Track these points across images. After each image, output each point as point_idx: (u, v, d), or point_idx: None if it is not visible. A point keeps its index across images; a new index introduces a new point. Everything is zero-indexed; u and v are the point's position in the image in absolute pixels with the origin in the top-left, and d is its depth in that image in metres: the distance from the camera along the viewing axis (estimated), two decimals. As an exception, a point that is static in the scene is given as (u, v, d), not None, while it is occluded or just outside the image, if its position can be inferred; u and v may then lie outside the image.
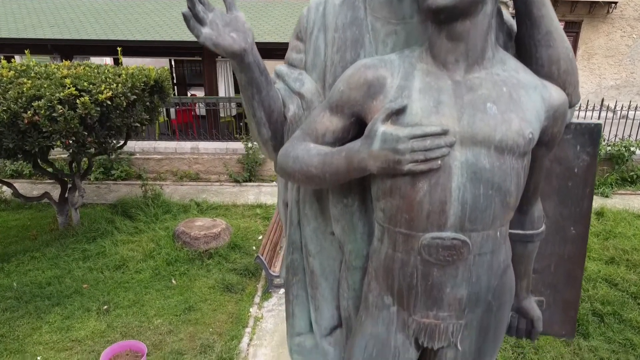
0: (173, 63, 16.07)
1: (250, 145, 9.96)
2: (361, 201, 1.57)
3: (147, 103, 7.01)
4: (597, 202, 8.05)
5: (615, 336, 4.85)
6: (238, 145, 10.23)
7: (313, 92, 1.60)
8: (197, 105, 11.93)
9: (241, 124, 11.24)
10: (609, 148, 9.35)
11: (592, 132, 1.69)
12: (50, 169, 7.20)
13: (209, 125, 11.05)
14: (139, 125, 6.74)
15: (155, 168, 10.29)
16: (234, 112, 11.86)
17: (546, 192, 1.70)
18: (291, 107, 1.61)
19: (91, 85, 5.94)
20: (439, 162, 1.29)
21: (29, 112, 5.49)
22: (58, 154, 9.45)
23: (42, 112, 5.50)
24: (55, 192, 7.78)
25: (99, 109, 5.86)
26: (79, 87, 5.86)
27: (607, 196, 8.74)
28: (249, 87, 1.50)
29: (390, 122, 1.33)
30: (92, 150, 6.21)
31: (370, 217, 1.58)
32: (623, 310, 5.21)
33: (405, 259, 1.42)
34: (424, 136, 1.28)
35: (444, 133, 1.29)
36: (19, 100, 5.54)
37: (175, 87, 15.47)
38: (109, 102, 5.97)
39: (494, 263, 1.44)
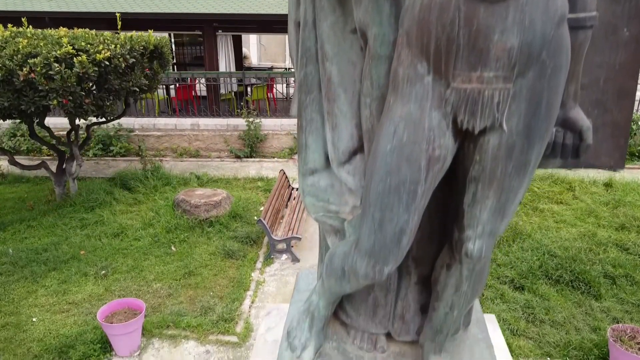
0: (174, 47, 15.86)
1: (251, 120, 9.79)
2: None
3: (147, 71, 6.85)
4: (605, 174, 7.90)
5: (628, 297, 4.71)
6: (239, 122, 10.06)
7: None
8: (197, 82, 11.74)
9: (242, 103, 11.05)
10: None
11: None
12: (47, 137, 7.04)
13: (210, 102, 10.87)
14: (137, 90, 6.57)
15: (154, 145, 10.12)
16: (234, 88, 11.66)
17: None
18: None
19: (89, 45, 5.77)
20: None
21: (24, 69, 5.32)
22: (57, 130, 9.29)
23: (38, 69, 5.33)
24: (53, 166, 7.62)
25: (96, 69, 5.70)
26: (76, 47, 5.69)
27: (614, 170, 8.57)
28: None
29: None
30: (90, 112, 6.04)
31: None
32: (635, 272, 5.07)
33: (446, 3, 1.20)
34: None
35: None
36: (15, 57, 5.37)
37: (175, 67, 15.30)
38: (107, 63, 5.81)
39: (550, 5, 1.20)
